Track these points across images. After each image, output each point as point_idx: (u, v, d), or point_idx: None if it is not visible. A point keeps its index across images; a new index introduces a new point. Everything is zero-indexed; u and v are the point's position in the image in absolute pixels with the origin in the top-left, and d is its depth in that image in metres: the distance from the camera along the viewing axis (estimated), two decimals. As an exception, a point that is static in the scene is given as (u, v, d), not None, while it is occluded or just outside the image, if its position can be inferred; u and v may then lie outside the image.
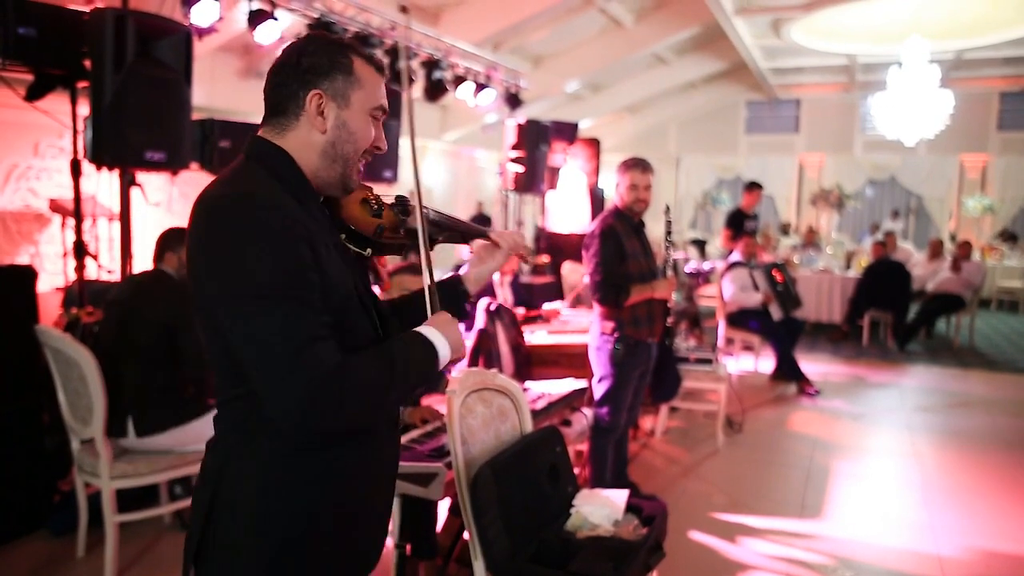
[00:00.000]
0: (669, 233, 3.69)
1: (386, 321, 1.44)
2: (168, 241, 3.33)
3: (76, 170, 3.80)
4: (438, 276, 1.57)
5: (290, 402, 1.14)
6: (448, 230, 1.58)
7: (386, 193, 1.52)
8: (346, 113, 1.32)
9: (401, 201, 1.50)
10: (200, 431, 3.20)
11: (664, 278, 3.63)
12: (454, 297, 1.61)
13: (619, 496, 2.52)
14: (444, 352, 1.35)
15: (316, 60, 1.30)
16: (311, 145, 1.31)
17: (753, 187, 7.67)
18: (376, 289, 4.07)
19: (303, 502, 1.27)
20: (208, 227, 1.19)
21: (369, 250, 1.43)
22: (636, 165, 3.56)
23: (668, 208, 3.71)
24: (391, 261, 4.37)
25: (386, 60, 5.57)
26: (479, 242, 1.65)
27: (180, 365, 3.17)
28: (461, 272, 1.64)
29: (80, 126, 3.75)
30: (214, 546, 1.27)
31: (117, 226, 4.20)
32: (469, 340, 4.26)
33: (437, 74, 6.21)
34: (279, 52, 1.36)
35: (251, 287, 1.15)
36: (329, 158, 1.32)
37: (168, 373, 3.16)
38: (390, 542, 1.67)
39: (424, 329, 1.36)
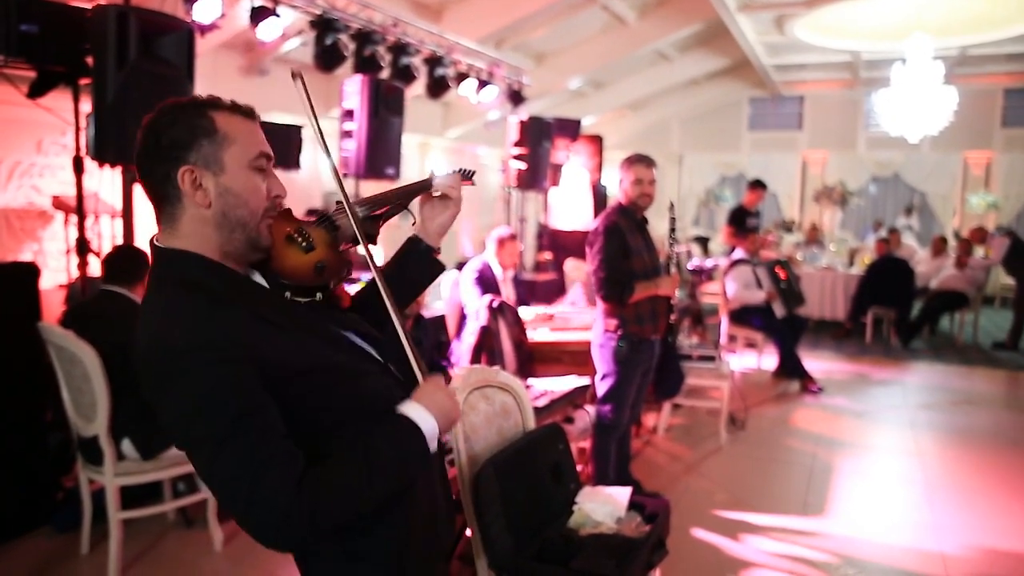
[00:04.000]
0: (673, 230, 3.69)
1: (380, 343, 1.39)
2: (142, 266, 3.19)
3: (79, 167, 3.80)
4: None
5: (259, 532, 1.12)
6: (381, 212, 1.50)
7: (303, 216, 1.44)
8: (225, 178, 1.22)
9: (323, 216, 1.41)
10: None
11: (667, 275, 3.62)
12: (419, 257, 1.57)
13: (622, 493, 2.52)
14: (430, 429, 1.26)
15: (174, 133, 1.20)
16: (203, 223, 1.22)
17: (757, 185, 7.67)
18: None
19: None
20: (149, 382, 1.18)
21: (319, 295, 1.32)
22: (640, 160, 3.56)
23: (672, 205, 3.70)
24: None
25: (388, 57, 5.56)
26: (421, 198, 1.58)
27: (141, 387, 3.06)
28: (416, 232, 1.59)
29: (83, 123, 3.74)
30: None
31: (120, 223, 4.20)
32: (472, 337, 4.26)
33: (439, 71, 6.20)
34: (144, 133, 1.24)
35: (198, 434, 1.13)
36: (227, 229, 1.23)
37: (140, 395, 3.08)
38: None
39: (408, 408, 1.27)
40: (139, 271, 3.24)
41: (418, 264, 1.58)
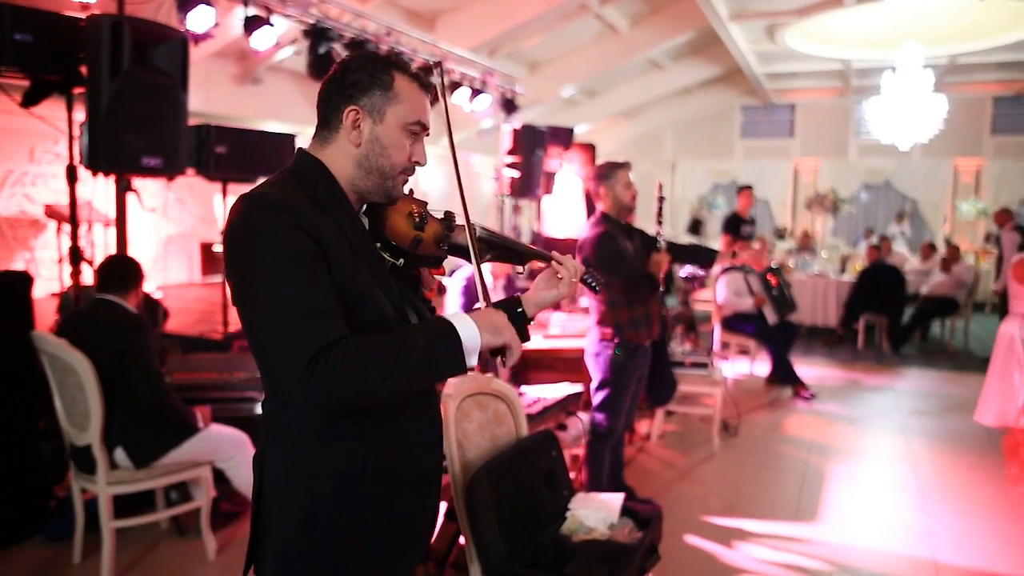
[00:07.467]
0: (660, 210, 3.62)
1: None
2: (135, 275, 3.24)
3: (72, 176, 3.80)
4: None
5: (294, 367, 1.20)
6: (497, 249, 1.60)
7: (436, 209, 1.55)
8: (380, 128, 1.39)
9: (448, 216, 1.53)
10: (201, 449, 3.21)
11: (656, 251, 3.57)
12: (511, 317, 1.58)
13: (614, 500, 2.53)
14: (469, 335, 1.31)
15: (357, 76, 1.38)
16: (347, 156, 1.39)
17: (744, 189, 7.73)
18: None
19: (322, 487, 1.36)
20: (229, 230, 1.29)
21: (402, 260, 1.44)
22: (622, 165, 3.55)
23: (660, 185, 3.65)
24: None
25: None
26: (539, 266, 1.66)
27: (137, 395, 3.06)
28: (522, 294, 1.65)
29: (76, 132, 3.75)
30: (261, 524, 1.42)
31: (113, 232, 4.20)
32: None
33: (433, 80, 6.22)
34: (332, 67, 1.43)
35: (261, 273, 1.24)
36: (364, 169, 1.39)
37: (135, 402, 3.07)
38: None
39: (453, 315, 1.34)
40: (131, 279, 3.23)
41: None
